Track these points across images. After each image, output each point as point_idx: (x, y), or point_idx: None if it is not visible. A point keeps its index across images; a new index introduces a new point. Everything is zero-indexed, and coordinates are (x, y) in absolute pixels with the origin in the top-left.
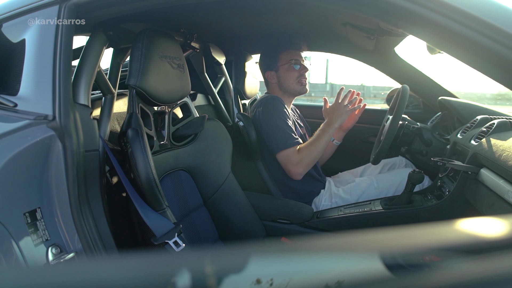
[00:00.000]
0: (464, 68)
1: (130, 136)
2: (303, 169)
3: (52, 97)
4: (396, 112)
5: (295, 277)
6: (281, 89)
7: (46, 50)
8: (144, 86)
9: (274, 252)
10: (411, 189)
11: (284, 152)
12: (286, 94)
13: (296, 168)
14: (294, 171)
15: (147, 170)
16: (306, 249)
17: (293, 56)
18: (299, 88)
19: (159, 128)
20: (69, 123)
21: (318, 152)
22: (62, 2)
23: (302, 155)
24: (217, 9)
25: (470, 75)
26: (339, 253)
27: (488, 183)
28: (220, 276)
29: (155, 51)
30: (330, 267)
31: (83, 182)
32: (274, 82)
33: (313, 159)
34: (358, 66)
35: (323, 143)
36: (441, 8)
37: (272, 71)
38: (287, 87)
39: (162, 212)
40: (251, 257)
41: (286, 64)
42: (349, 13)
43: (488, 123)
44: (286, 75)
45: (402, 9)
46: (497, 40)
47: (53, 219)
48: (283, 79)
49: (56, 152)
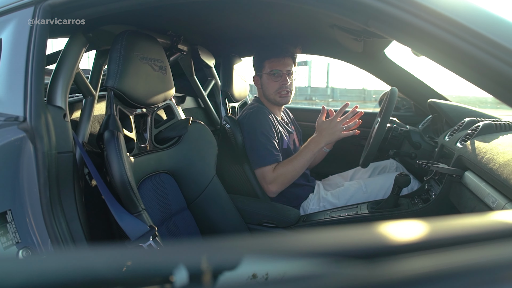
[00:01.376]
0: None
1: (105, 138)
2: (277, 188)
3: (23, 98)
4: (384, 115)
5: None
6: (264, 96)
7: (20, 52)
8: (122, 88)
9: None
10: (398, 193)
11: (260, 170)
12: (270, 102)
13: (270, 187)
14: (267, 189)
15: (121, 172)
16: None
17: (274, 66)
18: (279, 99)
19: (141, 130)
20: (40, 124)
21: (297, 171)
22: (38, 4)
23: (277, 173)
24: (204, 10)
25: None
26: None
27: (471, 186)
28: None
29: (135, 53)
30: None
31: (55, 184)
32: (259, 88)
33: (289, 178)
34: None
35: (304, 162)
36: (410, 6)
37: (257, 76)
38: (268, 96)
39: (138, 215)
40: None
41: (267, 74)
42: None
43: (474, 125)
44: (267, 84)
45: (369, 7)
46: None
47: (24, 221)
48: (265, 88)
49: (27, 153)
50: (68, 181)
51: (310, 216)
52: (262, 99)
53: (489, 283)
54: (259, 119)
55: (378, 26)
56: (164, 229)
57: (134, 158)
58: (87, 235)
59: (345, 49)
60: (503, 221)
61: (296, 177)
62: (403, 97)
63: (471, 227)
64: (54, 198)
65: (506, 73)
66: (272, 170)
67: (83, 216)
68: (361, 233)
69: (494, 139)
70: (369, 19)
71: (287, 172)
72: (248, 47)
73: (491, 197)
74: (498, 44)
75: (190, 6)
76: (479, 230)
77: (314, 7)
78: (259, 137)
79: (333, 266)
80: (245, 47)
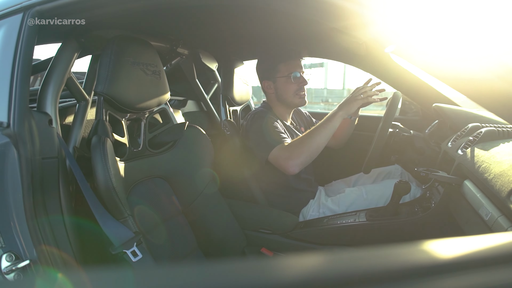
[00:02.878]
0: None
1: (92, 143)
2: (296, 160)
3: (8, 104)
4: (385, 119)
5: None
6: (278, 100)
7: (7, 58)
8: (111, 93)
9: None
10: (397, 200)
11: (273, 152)
12: (284, 105)
13: (288, 161)
14: (286, 165)
15: (106, 178)
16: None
17: (292, 68)
18: (298, 101)
19: (135, 134)
20: (23, 130)
21: (314, 140)
22: (26, 10)
23: (291, 146)
24: (202, 14)
25: None
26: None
27: (468, 196)
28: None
29: (126, 58)
30: None
31: (39, 189)
32: (272, 93)
33: (306, 149)
34: None
35: (322, 133)
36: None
37: (269, 81)
38: (285, 100)
39: (123, 221)
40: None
41: (285, 77)
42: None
43: (477, 131)
44: (284, 87)
45: (343, 9)
46: None
47: (9, 226)
48: (281, 91)
49: (11, 159)
50: (53, 186)
51: (307, 223)
52: (274, 103)
53: None
54: (264, 118)
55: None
56: (157, 234)
57: (126, 163)
58: (72, 240)
59: (348, 52)
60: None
61: (315, 150)
62: (411, 101)
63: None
64: (38, 203)
65: None
66: (284, 146)
67: (69, 221)
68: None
69: (494, 146)
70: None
71: (302, 142)
72: (250, 51)
73: (484, 209)
74: None
75: (188, 10)
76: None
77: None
78: (264, 131)
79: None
80: (247, 50)
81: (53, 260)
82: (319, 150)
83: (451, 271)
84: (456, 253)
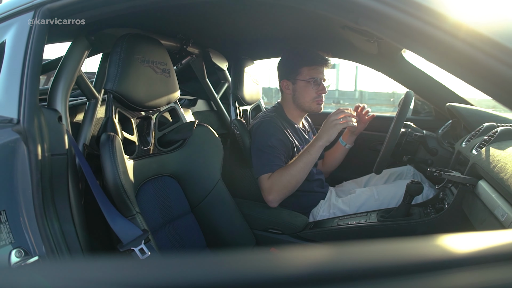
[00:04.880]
0: None
1: (101, 140)
2: (274, 196)
3: (18, 100)
4: (397, 119)
5: None
6: (294, 102)
7: (18, 55)
8: (121, 91)
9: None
10: (409, 201)
11: (259, 180)
12: (299, 109)
13: (267, 195)
14: (266, 199)
15: (114, 175)
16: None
17: (315, 73)
18: (314, 107)
19: (144, 133)
20: (33, 126)
21: (293, 177)
22: (37, 8)
23: (272, 181)
24: (212, 13)
25: None
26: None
27: (483, 196)
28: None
29: (135, 56)
30: None
31: (49, 186)
32: (289, 93)
33: (285, 185)
34: None
35: (301, 166)
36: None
37: (289, 81)
38: (301, 104)
39: (132, 218)
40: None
41: (305, 81)
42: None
43: (492, 131)
44: (303, 91)
45: (357, 5)
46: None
47: (18, 222)
48: (299, 94)
49: (21, 155)
50: (62, 183)
51: (317, 223)
52: (289, 105)
53: None
54: (269, 130)
55: (368, 24)
56: (165, 233)
57: (135, 161)
58: (81, 237)
59: (360, 51)
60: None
61: (296, 183)
62: (423, 101)
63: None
64: (48, 200)
65: (504, 75)
66: (267, 178)
67: (78, 218)
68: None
69: (510, 146)
70: (359, 17)
71: (282, 179)
72: (259, 50)
73: (501, 210)
74: (496, 43)
75: (198, 8)
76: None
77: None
78: (264, 148)
79: None
80: (257, 50)
81: (61, 256)
82: (299, 183)
83: (466, 265)
84: (472, 247)
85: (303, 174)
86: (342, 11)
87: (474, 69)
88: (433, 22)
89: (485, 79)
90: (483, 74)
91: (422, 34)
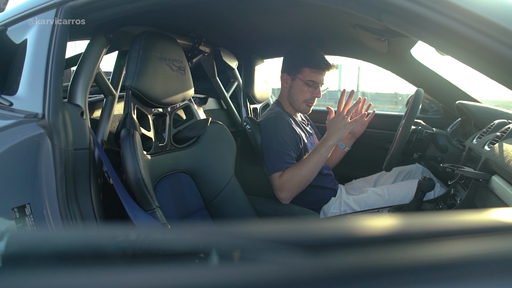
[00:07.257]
0: None
1: (121, 136)
2: (285, 194)
3: (43, 96)
4: (408, 117)
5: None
6: (287, 98)
7: (41, 52)
8: (139, 87)
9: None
10: (421, 197)
11: (270, 177)
12: (291, 106)
13: (279, 193)
14: (278, 196)
15: (135, 169)
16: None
17: (315, 77)
18: (304, 108)
19: (160, 129)
20: (57, 121)
21: (304, 176)
22: (59, 6)
23: (283, 179)
24: (225, 11)
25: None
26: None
27: (498, 191)
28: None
29: (153, 53)
30: None
31: (72, 180)
32: (286, 87)
33: (296, 184)
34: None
35: (312, 165)
36: None
37: (289, 75)
38: (293, 101)
39: (152, 212)
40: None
41: (303, 81)
42: (352, 14)
43: (504, 127)
44: (299, 90)
45: (382, 1)
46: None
47: (42, 215)
48: (294, 91)
49: (46, 149)
50: (85, 177)
51: (328, 220)
52: (284, 100)
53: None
54: (277, 126)
55: (392, 21)
56: None
57: (152, 156)
58: None
59: (369, 49)
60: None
61: (306, 182)
62: (431, 99)
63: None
64: (71, 194)
65: None
66: (278, 176)
67: (98, 213)
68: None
69: None
70: (382, 13)
71: (293, 177)
72: (269, 49)
73: None
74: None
75: (211, 7)
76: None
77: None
78: (274, 145)
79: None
80: (268, 48)
81: None
82: (309, 182)
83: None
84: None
85: (313, 173)
86: (365, 8)
87: (502, 64)
88: (458, 18)
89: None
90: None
91: (448, 31)
